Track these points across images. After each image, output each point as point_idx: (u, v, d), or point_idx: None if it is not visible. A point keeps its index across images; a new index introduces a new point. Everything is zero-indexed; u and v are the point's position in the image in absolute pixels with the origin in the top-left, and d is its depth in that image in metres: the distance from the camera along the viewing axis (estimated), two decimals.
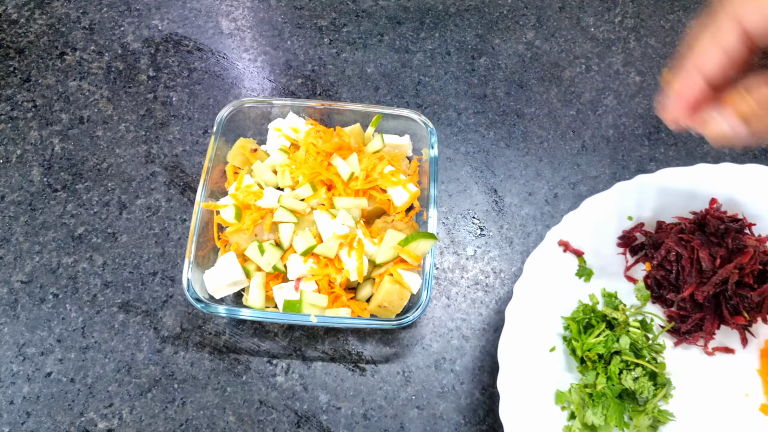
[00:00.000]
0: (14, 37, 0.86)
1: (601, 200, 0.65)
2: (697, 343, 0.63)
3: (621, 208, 0.66)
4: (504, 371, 0.58)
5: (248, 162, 0.70)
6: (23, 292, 0.69)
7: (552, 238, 0.63)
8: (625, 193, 0.65)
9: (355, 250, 0.63)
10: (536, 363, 0.60)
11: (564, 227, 0.64)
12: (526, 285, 0.61)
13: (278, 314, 0.61)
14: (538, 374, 0.59)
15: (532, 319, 0.61)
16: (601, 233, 0.65)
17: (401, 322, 0.60)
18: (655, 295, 0.65)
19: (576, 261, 0.64)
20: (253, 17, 0.89)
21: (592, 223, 0.65)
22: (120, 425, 0.63)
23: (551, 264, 0.63)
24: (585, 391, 0.59)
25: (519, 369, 0.58)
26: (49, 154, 0.78)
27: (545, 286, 0.62)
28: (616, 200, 0.65)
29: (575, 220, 0.64)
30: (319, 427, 0.64)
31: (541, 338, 0.61)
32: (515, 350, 0.59)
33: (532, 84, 0.84)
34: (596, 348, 0.59)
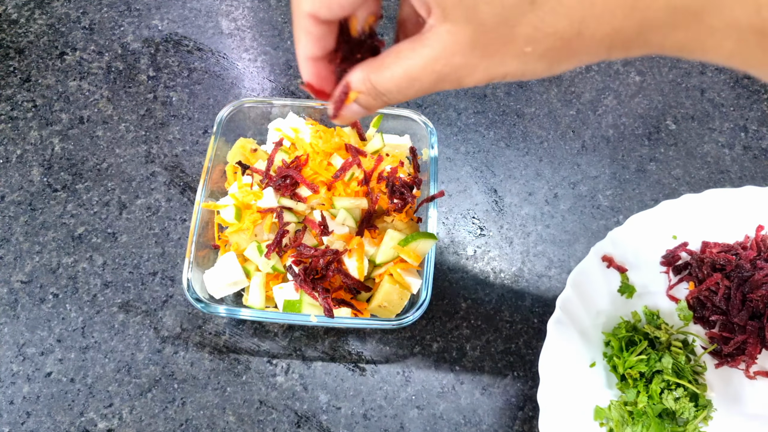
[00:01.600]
0: (14, 37, 0.86)
1: (646, 218, 0.65)
2: (739, 367, 0.62)
3: (666, 227, 0.66)
4: (544, 384, 0.58)
5: (248, 162, 0.70)
6: (23, 292, 0.69)
7: (596, 253, 0.63)
8: (671, 212, 0.66)
9: (355, 250, 0.63)
10: (576, 377, 0.60)
11: (608, 243, 0.64)
12: (568, 299, 0.61)
13: (278, 314, 0.61)
14: (577, 389, 0.59)
15: (574, 333, 0.61)
16: (645, 251, 0.65)
17: (401, 322, 0.60)
18: (697, 315, 0.64)
19: (619, 277, 0.65)
20: (253, 17, 0.89)
21: (636, 240, 0.65)
22: (120, 425, 0.63)
23: (594, 279, 0.63)
24: (625, 409, 0.58)
25: (559, 382, 0.58)
26: (49, 154, 0.78)
27: (587, 300, 0.62)
28: (661, 218, 0.66)
29: (620, 236, 0.64)
30: (319, 427, 0.64)
31: (581, 353, 0.61)
32: (556, 363, 0.59)
33: (532, 84, 0.84)
34: (638, 366, 0.59)
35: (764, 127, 0.82)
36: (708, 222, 0.66)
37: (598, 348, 0.62)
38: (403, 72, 0.36)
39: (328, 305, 0.59)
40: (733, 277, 0.63)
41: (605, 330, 0.63)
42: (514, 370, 0.67)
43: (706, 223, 0.66)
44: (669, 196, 0.77)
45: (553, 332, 0.60)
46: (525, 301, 0.70)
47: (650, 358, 0.59)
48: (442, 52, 0.34)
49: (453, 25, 0.32)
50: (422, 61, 0.35)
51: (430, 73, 0.35)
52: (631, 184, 0.78)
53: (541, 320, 0.69)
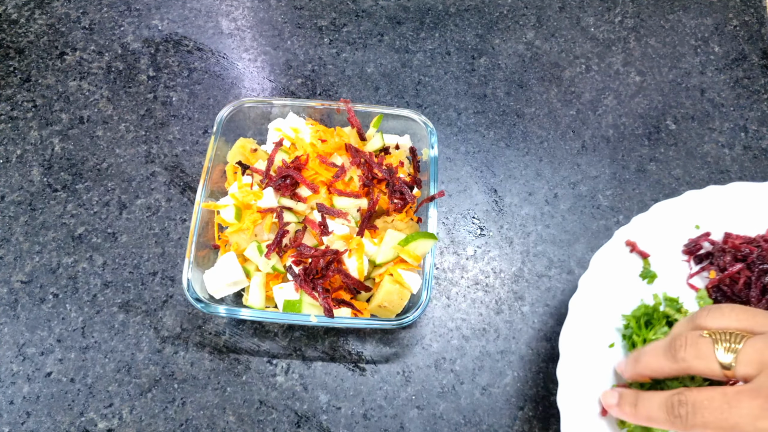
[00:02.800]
0: (14, 37, 0.86)
1: (670, 206, 0.66)
2: None
3: (689, 216, 0.67)
4: (564, 360, 0.59)
5: (248, 162, 0.70)
6: (23, 292, 0.69)
7: (620, 237, 0.64)
8: (695, 202, 0.67)
9: (355, 251, 0.63)
10: (595, 356, 0.61)
11: (632, 228, 0.65)
12: (591, 279, 0.62)
13: (278, 314, 0.61)
14: (596, 367, 0.61)
15: (594, 313, 0.62)
16: (668, 238, 0.66)
17: (401, 322, 0.60)
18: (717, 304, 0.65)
19: (641, 262, 0.65)
20: (253, 17, 0.89)
21: (659, 228, 0.66)
22: (120, 425, 0.63)
23: (617, 262, 0.64)
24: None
25: (579, 359, 0.60)
26: (49, 154, 0.78)
27: (609, 282, 0.63)
28: (685, 207, 0.67)
29: (644, 222, 0.65)
30: (319, 427, 0.64)
31: (601, 333, 0.62)
32: (577, 341, 0.60)
33: (532, 84, 0.84)
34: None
35: (764, 127, 0.82)
36: (731, 214, 0.67)
37: (617, 329, 0.63)
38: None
39: (328, 305, 0.59)
40: (754, 268, 0.63)
41: (624, 312, 0.64)
42: (514, 370, 0.67)
43: (729, 214, 0.67)
44: (669, 196, 0.77)
45: (575, 310, 0.61)
46: (525, 301, 0.70)
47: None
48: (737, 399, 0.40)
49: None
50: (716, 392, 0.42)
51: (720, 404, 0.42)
52: (631, 184, 0.78)
53: (541, 320, 0.69)
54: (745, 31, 0.89)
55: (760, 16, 0.90)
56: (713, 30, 0.89)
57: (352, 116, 0.69)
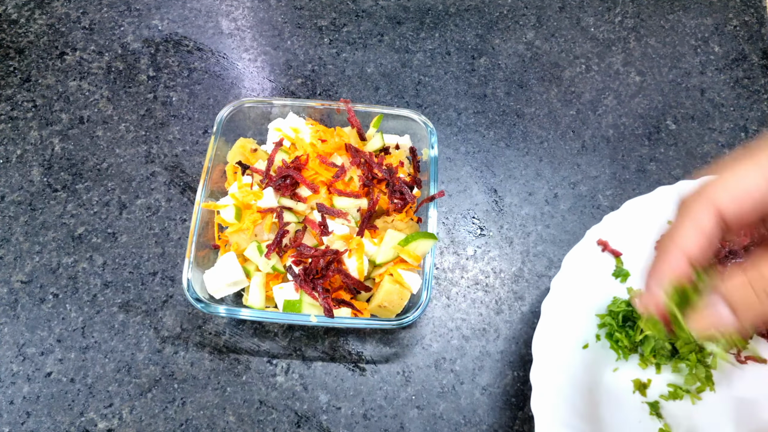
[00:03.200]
0: (14, 37, 0.86)
1: (642, 203, 0.66)
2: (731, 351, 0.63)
3: (662, 212, 0.66)
4: (537, 364, 0.58)
5: (248, 162, 0.70)
6: (23, 292, 0.69)
7: (591, 236, 0.64)
8: (667, 198, 0.66)
9: (355, 251, 0.63)
10: (570, 358, 0.61)
11: (604, 227, 0.64)
12: (563, 281, 0.62)
13: (278, 314, 0.61)
14: (571, 369, 0.60)
15: (567, 314, 0.62)
16: (640, 236, 0.66)
17: (401, 322, 0.60)
18: None
19: (614, 261, 0.65)
20: (253, 17, 0.89)
21: (631, 225, 0.65)
22: (120, 425, 0.63)
23: (589, 262, 0.64)
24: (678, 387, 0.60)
25: (552, 362, 0.59)
26: (49, 154, 0.78)
27: (582, 283, 0.63)
28: (657, 204, 0.66)
29: (615, 220, 0.65)
30: (319, 427, 0.64)
31: (574, 334, 0.62)
32: (550, 343, 0.60)
33: (532, 84, 0.84)
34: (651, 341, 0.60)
35: (764, 127, 0.82)
36: None
37: (591, 330, 0.62)
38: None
39: (328, 305, 0.59)
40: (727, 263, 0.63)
41: (598, 312, 0.63)
42: (514, 370, 0.67)
43: None
44: None
45: (548, 313, 0.60)
46: (525, 301, 0.70)
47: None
48: None
49: None
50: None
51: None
52: (631, 184, 0.78)
53: None
54: (745, 31, 0.89)
55: (760, 16, 0.90)
56: (713, 30, 0.89)
57: (352, 116, 0.69)
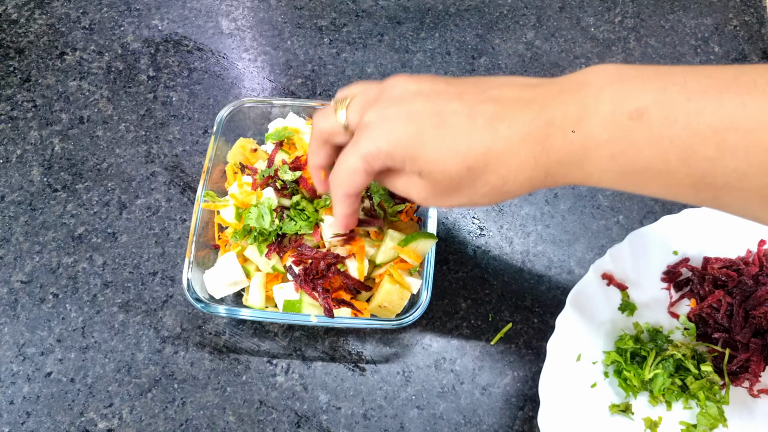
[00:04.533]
0: (14, 37, 0.86)
1: (646, 234, 0.64)
2: (743, 385, 0.61)
3: (666, 243, 0.65)
4: (545, 406, 0.57)
5: (248, 162, 0.70)
6: (23, 292, 0.69)
7: (595, 271, 0.63)
8: (671, 227, 0.65)
9: (355, 251, 0.63)
10: (578, 398, 0.59)
11: (608, 260, 0.63)
12: (568, 318, 0.60)
13: (278, 314, 0.61)
14: (579, 410, 0.59)
15: (574, 352, 0.60)
16: (646, 267, 0.65)
17: (401, 322, 0.60)
18: (699, 332, 0.64)
19: (619, 295, 0.64)
20: (253, 17, 0.89)
21: (636, 257, 0.64)
22: (120, 425, 0.63)
23: (594, 298, 0.62)
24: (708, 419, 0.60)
25: (560, 404, 0.58)
26: (49, 154, 0.78)
27: (587, 319, 0.62)
28: (661, 234, 0.65)
29: (619, 253, 0.63)
30: (319, 427, 0.64)
31: (582, 373, 0.61)
32: (557, 385, 0.59)
33: None
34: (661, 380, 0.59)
35: None
36: (709, 237, 0.65)
37: (599, 367, 0.62)
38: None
39: (328, 305, 0.59)
40: (736, 294, 0.62)
41: (605, 349, 0.62)
42: (514, 370, 0.67)
43: (707, 238, 0.65)
44: None
45: (554, 353, 0.59)
46: (525, 301, 0.70)
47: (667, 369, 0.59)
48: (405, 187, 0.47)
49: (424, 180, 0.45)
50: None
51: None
52: None
53: (541, 320, 0.69)
54: (745, 31, 0.89)
55: (760, 16, 0.90)
56: (713, 30, 0.89)
57: None
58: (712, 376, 0.60)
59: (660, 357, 0.60)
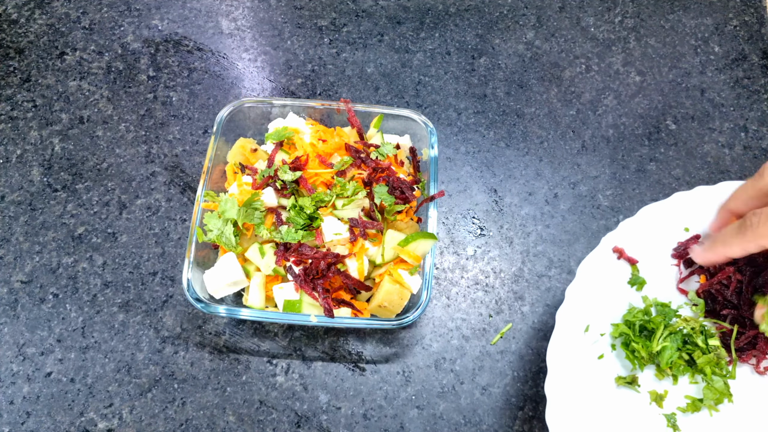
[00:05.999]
0: (14, 37, 0.86)
1: (658, 209, 0.64)
2: (749, 362, 0.61)
3: (678, 219, 0.65)
4: (552, 375, 0.57)
5: (248, 162, 0.70)
6: (23, 292, 0.69)
7: (607, 243, 0.63)
8: (684, 204, 0.65)
9: (356, 252, 0.63)
10: (585, 369, 0.59)
11: (620, 234, 0.63)
12: (578, 289, 0.60)
13: (278, 314, 0.61)
14: (586, 380, 0.59)
15: (583, 323, 0.60)
16: (657, 243, 0.65)
17: (401, 322, 0.60)
18: (708, 309, 0.64)
19: (629, 269, 0.64)
20: (253, 17, 0.89)
21: (648, 232, 0.64)
22: (120, 425, 0.63)
23: (604, 270, 0.62)
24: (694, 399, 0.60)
25: (567, 374, 0.58)
26: (49, 154, 0.78)
27: (597, 291, 0.62)
28: (673, 210, 0.65)
29: (631, 227, 0.63)
30: (319, 427, 0.64)
31: (590, 344, 0.61)
32: (564, 354, 0.58)
33: (532, 84, 0.84)
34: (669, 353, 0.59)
35: (764, 127, 0.82)
36: None
37: (607, 340, 0.62)
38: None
39: (328, 305, 0.59)
40: (746, 271, 0.62)
41: (614, 321, 0.62)
42: (514, 370, 0.67)
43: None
44: (669, 196, 0.77)
45: (562, 322, 0.59)
46: (525, 301, 0.70)
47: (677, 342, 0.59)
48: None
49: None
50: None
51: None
52: (631, 184, 0.78)
53: (540, 320, 0.69)
54: (745, 31, 0.89)
55: (760, 16, 0.90)
56: (713, 30, 0.89)
57: (352, 116, 0.69)
58: (720, 350, 0.60)
59: (668, 330, 0.60)
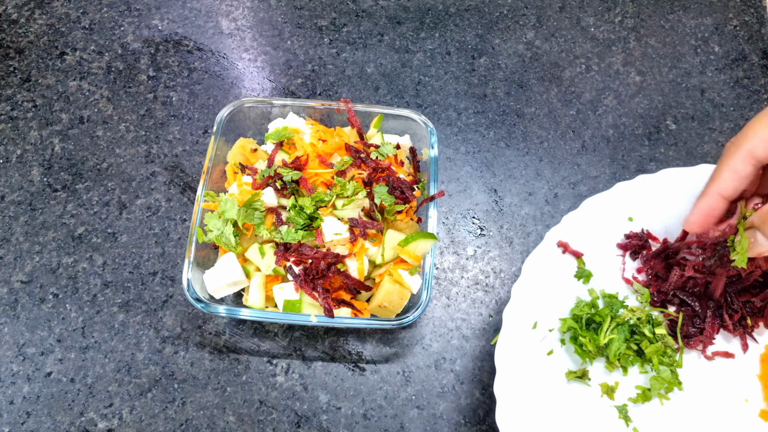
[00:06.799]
0: (14, 37, 0.86)
1: (601, 200, 0.64)
2: (697, 347, 0.62)
3: (622, 209, 0.65)
4: (501, 375, 0.57)
5: (248, 162, 0.70)
6: (23, 292, 0.69)
7: (551, 238, 0.63)
8: (626, 194, 0.65)
9: (356, 252, 0.63)
10: (535, 366, 0.59)
11: (563, 228, 0.63)
12: (524, 287, 0.60)
13: (278, 314, 0.61)
14: (536, 378, 0.59)
15: (530, 321, 0.60)
16: (601, 234, 0.65)
17: (401, 322, 0.60)
18: (654, 299, 0.65)
19: (575, 262, 0.64)
20: (253, 17, 0.89)
21: (592, 224, 0.64)
22: (120, 425, 0.63)
23: (550, 265, 0.62)
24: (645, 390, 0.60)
25: (516, 372, 0.58)
26: (49, 154, 0.78)
27: (544, 287, 0.62)
28: (616, 201, 0.65)
29: (575, 220, 0.63)
30: (319, 427, 0.64)
31: (538, 341, 0.61)
32: (513, 353, 0.58)
33: (532, 84, 0.84)
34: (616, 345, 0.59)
35: None
36: (664, 202, 0.65)
37: (555, 335, 0.62)
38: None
39: (328, 305, 0.59)
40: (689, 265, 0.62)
41: (562, 316, 0.62)
42: None
43: (662, 203, 0.65)
44: None
45: (509, 321, 0.59)
46: None
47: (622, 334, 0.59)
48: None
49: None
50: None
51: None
52: None
53: None
54: (745, 31, 0.89)
55: (760, 16, 0.90)
56: (713, 30, 0.89)
57: (352, 116, 0.69)
58: (667, 339, 0.60)
59: (615, 322, 0.60)
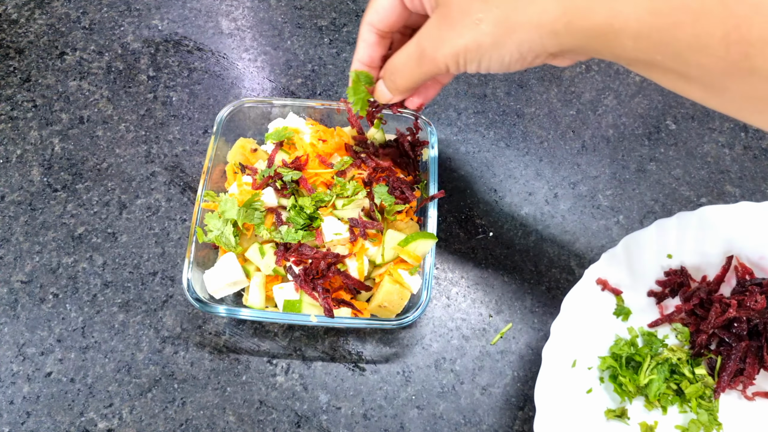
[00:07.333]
0: (14, 37, 0.86)
1: (640, 238, 0.64)
2: (737, 388, 0.61)
3: (660, 246, 0.65)
4: (541, 414, 0.57)
5: (248, 162, 0.70)
6: (23, 292, 0.69)
7: (590, 276, 0.62)
8: (665, 230, 0.64)
9: (356, 253, 0.63)
10: (574, 405, 0.59)
11: (602, 265, 0.63)
12: (563, 324, 0.60)
13: (278, 314, 0.61)
14: (575, 416, 0.59)
15: (570, 359, 0.60)
16: (640, 271, 0.64)
17: (401, 322, 0.60)
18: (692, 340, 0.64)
19: (614, 300, 0.64)
20: (253, 17, 0.89)
21: (630, 261, 0.64)
22: (120, 425, 0.63)
23: (589, 303, 0.62)
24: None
25: (556, 411, 0.58)
26: (49, 154, 0.78)
27: (583, 325, 0.61)
28: (655, 238, 0.64)
29: (614, 257, 0.63)
30: (319, 427, 0.64)
31: (578, 379, 0.60)
32: (552, 391, 0.58)
33: (532, 84, 0.84)
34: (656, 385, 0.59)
35: None
36: (703, 239, 0.65)
37: (594, 373, 0.61)
38: (401, 54, 0.49)
39: (328, 305, 0.59)
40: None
41: (600, 354, 0.62)
42: (514, 370, 0.67)
43: (701, 240, 0.65)
44: (669, 196, 0.77)
45: (549, 359, 0.59)
46: (525, 302, 0.70)
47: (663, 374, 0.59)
48: (421, 33, 0.46)
49: (433, 12, 0.44)
50: (411, 43, 0.47)
51: (414, 50, 0.47)
52: (631, 184, 0.78)
53: (540, 320, 0.69)
54: None
55: None
56: None
57: (352, 116, 0.69)
58: (707, 379, 0.60)
59: (655, 361, 0.60)
